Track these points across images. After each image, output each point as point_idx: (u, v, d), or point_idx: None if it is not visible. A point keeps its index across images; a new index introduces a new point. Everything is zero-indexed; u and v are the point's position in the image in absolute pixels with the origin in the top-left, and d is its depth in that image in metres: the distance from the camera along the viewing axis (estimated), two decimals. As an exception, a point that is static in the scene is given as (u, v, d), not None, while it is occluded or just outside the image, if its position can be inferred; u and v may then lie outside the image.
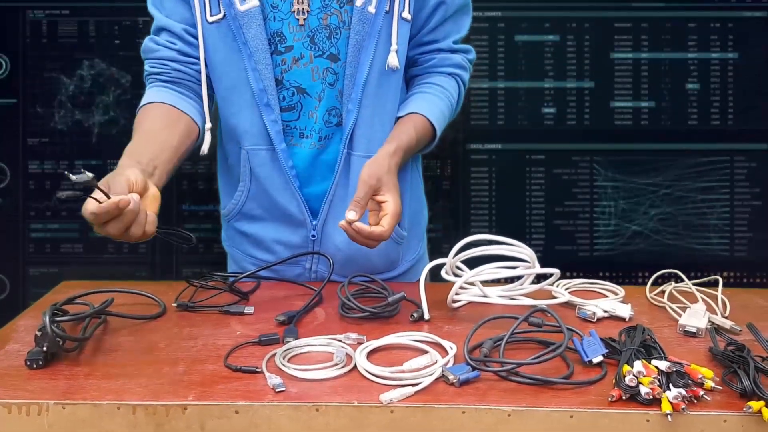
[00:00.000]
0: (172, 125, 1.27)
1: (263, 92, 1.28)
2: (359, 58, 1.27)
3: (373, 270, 1.36)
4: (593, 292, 1.26)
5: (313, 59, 1.29)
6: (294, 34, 1.27)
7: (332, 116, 1.31)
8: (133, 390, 0.91)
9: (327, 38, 1.27)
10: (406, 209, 1.39)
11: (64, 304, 1.09)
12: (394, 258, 1.41)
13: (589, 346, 0.98)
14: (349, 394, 0.90)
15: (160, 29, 1.33)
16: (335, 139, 1.32)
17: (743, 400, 0.88)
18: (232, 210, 1.39)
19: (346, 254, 1.35)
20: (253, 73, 1.27)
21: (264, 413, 0.88)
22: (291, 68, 1.29)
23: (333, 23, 1.27)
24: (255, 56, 1.26)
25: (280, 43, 1.28)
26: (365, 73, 1.27)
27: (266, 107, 1.28)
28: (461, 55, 1.41)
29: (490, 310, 1.14)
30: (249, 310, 1.17)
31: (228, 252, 1.49)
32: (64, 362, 0.99)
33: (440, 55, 1.39)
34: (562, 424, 0.87)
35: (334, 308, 1.18)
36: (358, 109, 1.28)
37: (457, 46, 1.41)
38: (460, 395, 0.90)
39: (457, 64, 1.41)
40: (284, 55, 1.28)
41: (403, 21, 1.30)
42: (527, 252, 1.15)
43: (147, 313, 1.14)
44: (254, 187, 1.35)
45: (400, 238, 1.40)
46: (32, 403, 0.89)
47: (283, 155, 1.30)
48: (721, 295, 1.21)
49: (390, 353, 1.02)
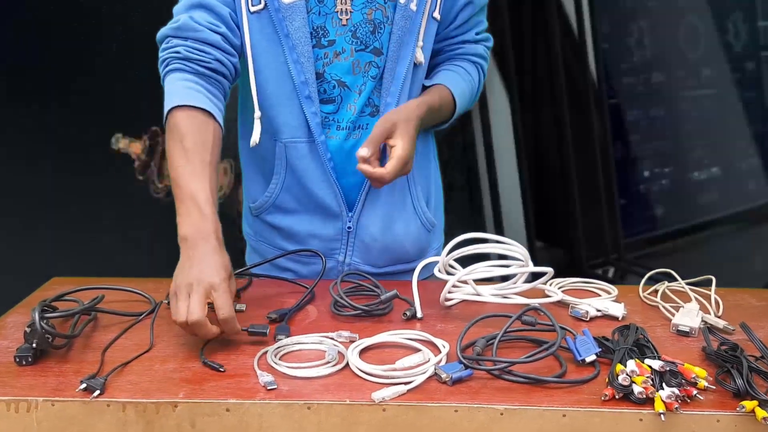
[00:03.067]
0: (213, 147, 1.18)
1: (304, 85, 1.27)
2: (400, 53, 1.29)
3: (407, 258, 1.38)
4: (586, 291, 1.26)
5: (354, 53, 1.29)
6: (337, 28, 1.28)
7: (367, 107, 1.32)
8: (123, 387, 0.91)
9: (371, 33, 1.28)
10: (433, 200, 1.43)
11: (53, 300, 1.08)
12: (424, 245, 1.42)
13: (582, 345, 0.98)
14: (341, 392, 0.90)
15: (199, 5, 1.23)
16: (369, 130, 1.31)
17: (736, 399, 0.88)
18: (265, 203, 1.37)
19: (381, 243, 1.36)
20: (294, 65, 1.26)
21: (255, 411, 0.87)
22: (332, 62, 1.29)
23: (378, 18, 1.28)
24: (297, 49, 1.26)
25: (324, 37, 1.28)
26: (405, 67, 1.29)
27: (307, 99, 1.28)
28: (483, 45, 1.45)
29: (483, 309, 1.13)
30: (241, 307, 1.17)
31: (253, 246, 1.46)
32: (53, 359, 0.98)
33: (465, 46, 1.43)
34: (554, 423, 0.87)
35: (327, 306, 1.18)
36: (397, 102, 1.30)
37: (480, 36, 1.44)
38: (452, 394, 0.90)
39: (480, 54, 1.45)
40: (326, 49, 1.28)
41: (433, 20, 1.33)
42: (520, 251, 1.15)
43: (137, 311, 1.14)
44: (290, 180, 1.33)
45: (431, 225, 1.41)
46: (21, 400, 0.88)
47: (323, 147, 1.30)
48: (715, 295, 1.21)
49: (382, 351, 1.01)
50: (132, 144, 2.36)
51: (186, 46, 1.21)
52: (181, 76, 1.21)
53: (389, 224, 1.35)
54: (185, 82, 1.21)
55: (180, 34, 1.22)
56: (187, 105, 1.18)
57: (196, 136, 1.16)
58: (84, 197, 2.28)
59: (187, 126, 1.17)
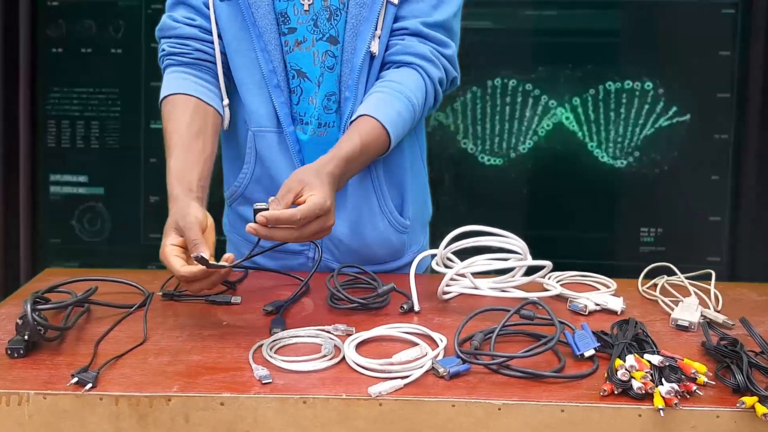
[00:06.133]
0: (204, 128, 1.24)
1: (273, 73, 1.26)
2: (356, 43, 1.25)
3: (377, 260, 1.35)
4: (585, 284, 1.25)
5: (315, 43, 1.27)
6: (299, 16, 1.26)
7: (331, 102, 1.29)
8: (116, 380, 0.90)
9: (327, 20, 1.25)
10: (409, 201, 1.37)
11: (46, 292, 1.07)
12: (397, 247, 1.39)
13: (580, 339, 0.97)
14: (337, 386, 0.89)
15: (178, 3, 1.30)
16: (335, 127, 1.30)
17: (736, 395, 0.87)
18: (235, 192, 1.37)
19: (348, 246, 1.34)
20: (262, 53, 1.25)
21: (250, 405, 0.86)
22: (293, 50, 1.27)
23: (333, 4, 1.25)
24: (264, 37, 1.25)
25: (284, 24, 1.26)
26: (361, 58, 1.25)
27: (276, 88, 1.27)
28: (430, 46, 1.27)
29: (481, 303, 1.12)
30: (236, 299, 1.16)
31: (228, 238, 1.45)
32: (45, 351, 0.97)
33: (404, 41, 1.27)
34: (553, 418, 0.86)
35: (323, 299, 1.17)
36: (355, 96, 1.26)
37: (428, 33, 1.27)
38: (449, 388, 0.89)
39: (421, 54, 1.26)
40: (287, 37, 1.27)
41: (391, 5, 1.25)
42: (519, 244, 1.14)
43: (131, 302, 1.12)
44: (258, 170, 1.32)
45: (403, 227, 1.38)
46: (12, 393, 0.87)
47: (291, 138, 1.29)
48: (714, 289, 1.20)
49: (379, 345, 1.00)
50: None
51: (170, 43, 1.30)
52: (172, 70, 1.30)
53: (357, 227, 1.32)
54: (174, 74, 1.29)
55: (163, 35, 1.31)
56: (170, 94, 1.26)
57: (174, 120, 1.23)
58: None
59: (169, 112, 1.25)
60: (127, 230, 2.35)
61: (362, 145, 1.18)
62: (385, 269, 1.35)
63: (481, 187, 2.30)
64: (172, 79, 1.28)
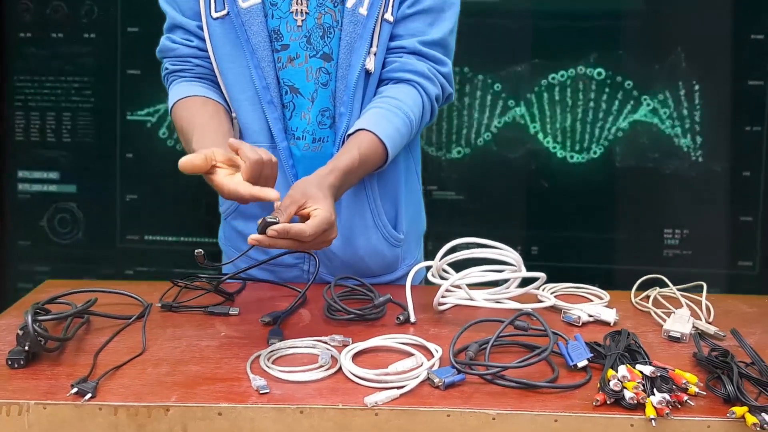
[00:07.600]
0: (217, 114, 1.28)
1: (266, 90, 1.28)
2: (350, 60, 1.27)
3: (370, 273, 1.36)
4: (579, 296, 1.27)
5: (308, 59, 1.29)
6: (291, 33, 1.28)
7: (325, 117, 1.31)
8: (115, 391, 0.90)
9: (321, 37, 1.27)
10: (403, 215, 1.38)
11: (46, 303, 1.08)
12: (391, 261, 1.40)
13: (574, 350, 0.98)
14: (333, 396, 0.90)
15: (174, 27, 1.34)
16: (329, 142, 1.31)
17: (727, 405, 0.88)
18: (230, 206, 1.38)
19: (342, 259, 1.35)
20: (255, 70, 1.27)
21: (247, 415, 0.87)
22: (286, 66, 1.29)
23: (327, 22, 1.27)
24: (257, 54, 1.27)
25: (277, 40, 1.28)
26: (356, 75, 1.27)
27: (269, 105, 1.29)
28: (428, 64, 1.29)
29: (476, 314, 1.14)
30: (234, 311, 1.17)
31: (224, 251, 1.47)
32: (45, 362, 0.98)
33: (402, 59, 1.29)
34: (546, 428, 0.87)
35: (320, 310, 1.18)
36: (350, 112, 1.28)
37: (426, 52, 1.29)
38: (445, 398, 0.90)
39: (419, 71, 1.28)
40: (280, 53, 1.28)
41: (386, 23, 1.28)
42: (513, 255, 1.15)
43: (130, 314, 1.13)
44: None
45: (396, 241, 1.39)
46: (13, 403, 0.88)
47: (285, 153, 1.30)
48: (706, 301, 1.22)
49: (375, 356, 1.01)
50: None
51: (171, 62, 1.35)
52: (177, 82, 1.35)
53: (350, 240, 1.33)
54: (181, 83, 1.34)
55: (164, 56, 1.37)
56: (179, 99, 1.31)
57: (188, 116, 1.27)
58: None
59: (181, 115, 1.28)
60: (101, 231, 2.21)
61: (361, 159, 1.20)
62: (379, 282, 1.36)
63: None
64: (180, 88, 1.33)
